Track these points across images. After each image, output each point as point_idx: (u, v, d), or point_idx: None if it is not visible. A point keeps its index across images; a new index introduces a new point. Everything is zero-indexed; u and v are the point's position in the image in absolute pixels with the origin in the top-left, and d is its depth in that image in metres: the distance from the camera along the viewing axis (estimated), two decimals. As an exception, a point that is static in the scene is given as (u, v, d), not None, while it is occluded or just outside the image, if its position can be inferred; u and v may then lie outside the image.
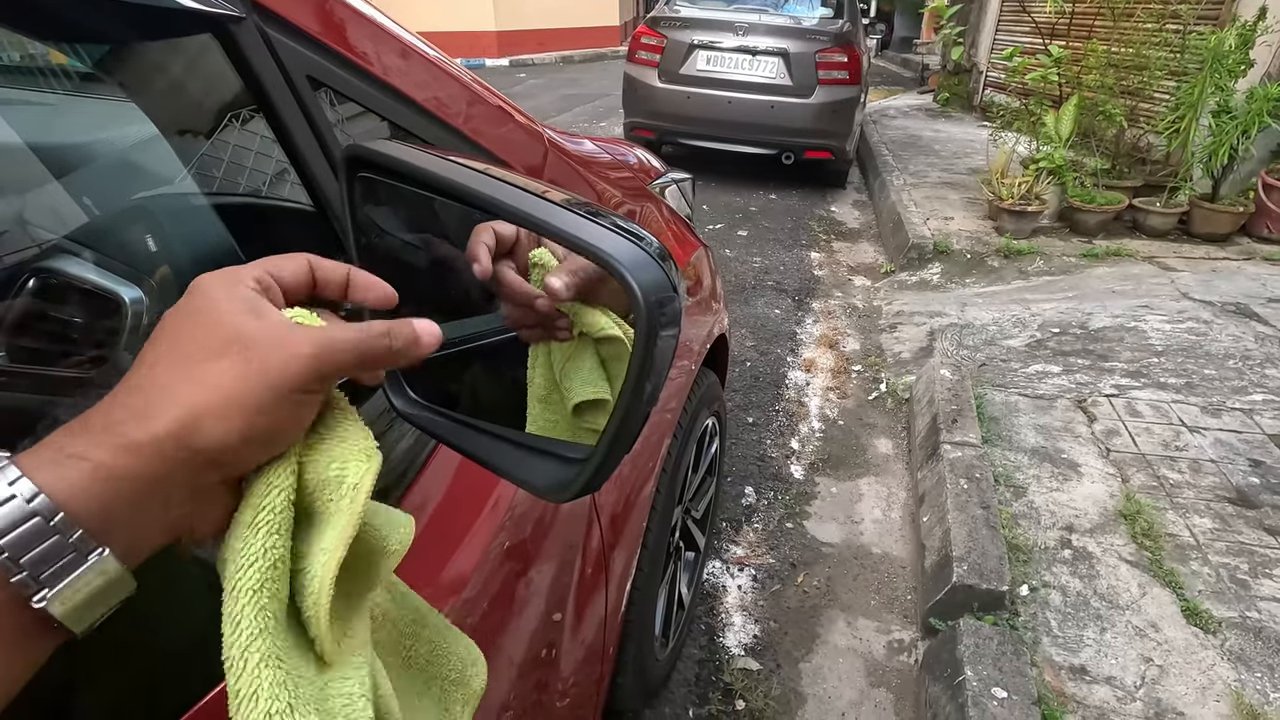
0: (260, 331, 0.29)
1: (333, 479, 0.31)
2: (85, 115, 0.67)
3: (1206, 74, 3.66)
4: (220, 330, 0.29)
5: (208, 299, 0.30)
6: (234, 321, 0.29)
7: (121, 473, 0.27)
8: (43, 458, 0.26)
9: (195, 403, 0.28)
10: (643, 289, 0.32)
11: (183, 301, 0.31)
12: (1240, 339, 2.88)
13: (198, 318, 0.30)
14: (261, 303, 0.31)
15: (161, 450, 0.27)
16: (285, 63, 0.52)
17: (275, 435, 0.30)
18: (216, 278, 0.32)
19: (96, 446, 0.27)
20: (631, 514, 1.15)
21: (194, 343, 0.29)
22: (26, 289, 0.55)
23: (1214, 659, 1.54)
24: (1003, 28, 7.52)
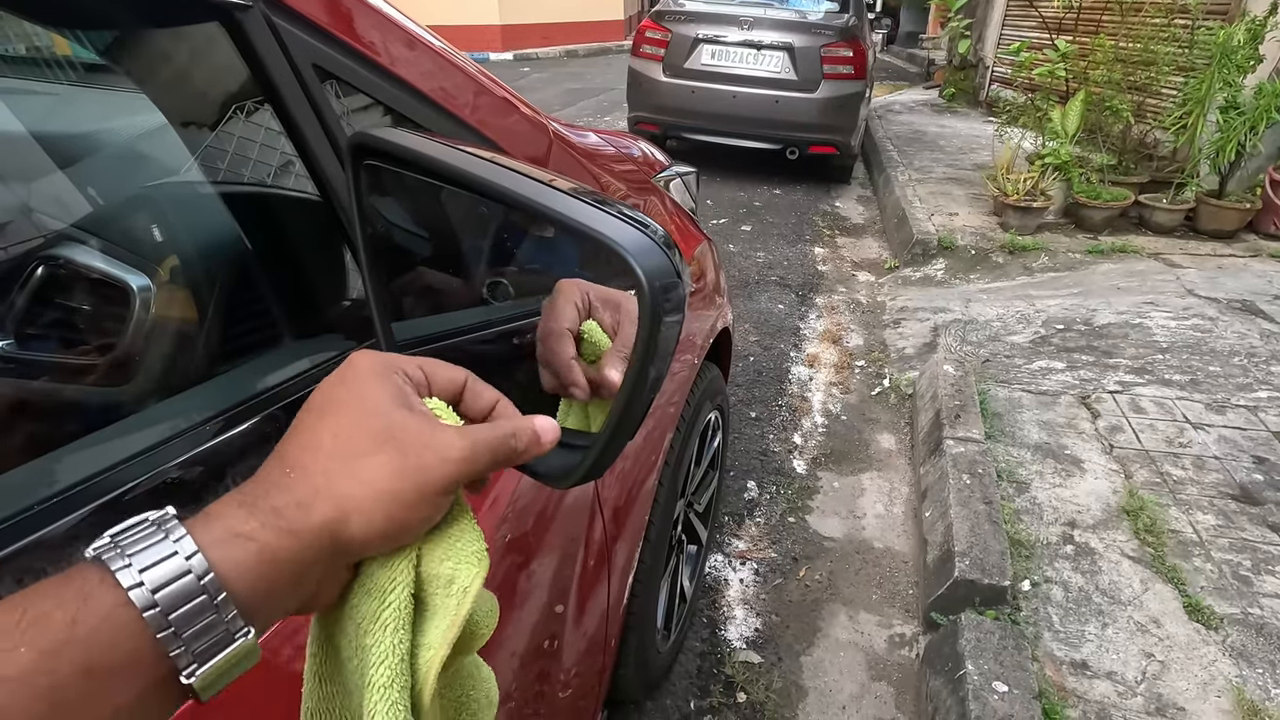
0: (412, 429, 0.31)
1: (444, 576, 0.33)
2: (91, 105, 0.67)
3: (1215, 69, 3.64)
4: (375, 421, 0.31)
5: (362, 383, 0.32)
6: (388, 415, 0.31)
7: (282, 557, 0.28)
8: (215, 534, 0.27)
9: (350, 496, 0.29)
10: (647, 274, 0.32)
11: (338, 376, 0.33)
12: (1245, 336, 2.87)
13: (355, 404, 0.31)
14: (411, 396, 0.33)
15: (318, 539, 0.29)
16: (292, 52, 0.52)
17: (410, 530, 0.31)
18: (373, 361, 0.33)
19: (263, 529, 0.28)
20: (634, 507, 1.15)
21: (353, 432, 0.30)
22: (35, 277, 0.56)
23: (1216, 655, 1.54)
24: (1009, 23, 7.48)
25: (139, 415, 0.53)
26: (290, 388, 0.57)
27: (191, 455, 0.50)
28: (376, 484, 0.30)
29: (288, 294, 0.61)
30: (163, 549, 0.26)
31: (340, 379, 0.32)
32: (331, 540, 0.29)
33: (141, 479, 0.47)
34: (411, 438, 0.31)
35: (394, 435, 0.30)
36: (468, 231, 0.60)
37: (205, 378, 0.56)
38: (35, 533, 0.41)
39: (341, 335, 0.62)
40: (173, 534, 0.27)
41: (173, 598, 0.25)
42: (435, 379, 0.35)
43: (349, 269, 0.63)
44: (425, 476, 0.30)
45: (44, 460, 0.47)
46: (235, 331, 0.59)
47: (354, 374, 0.32)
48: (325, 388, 0.32)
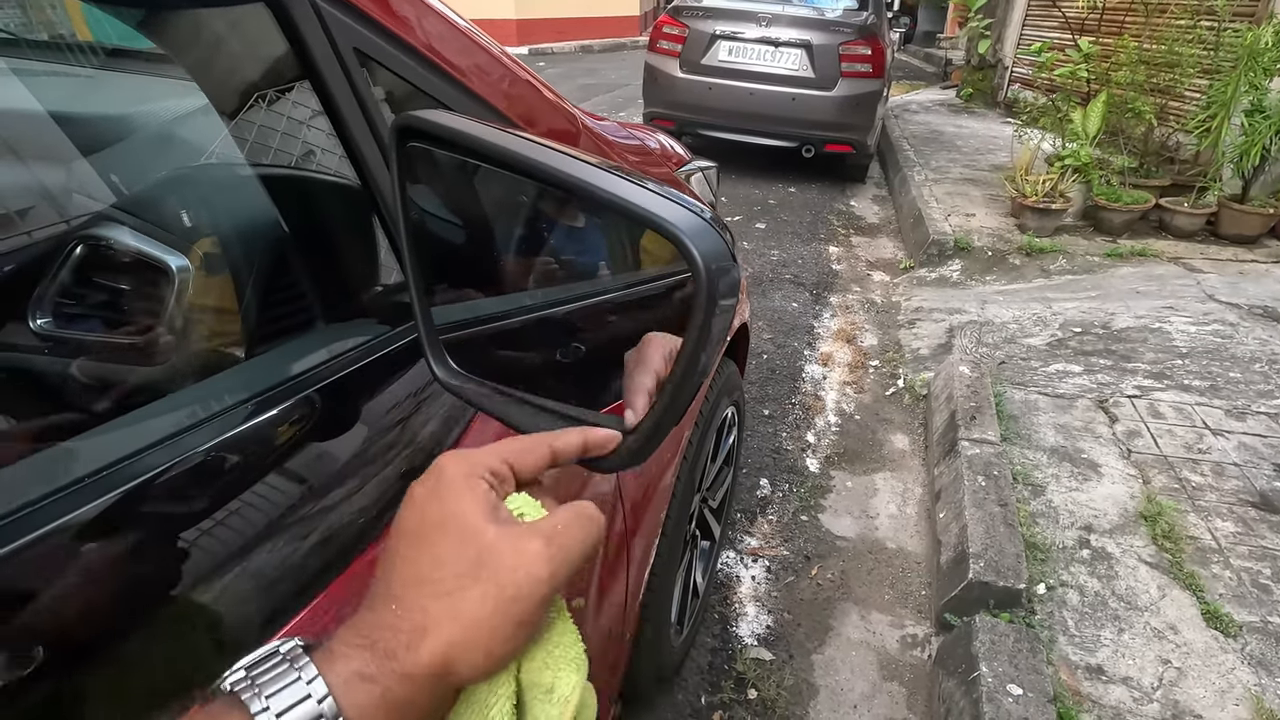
0: (503, 552, 0.31)
1: (544, 685, 0.33)
2: (128, 88, 0.67)
3: (1241, 72, 3.58)
4: (469, 549, 0.31)
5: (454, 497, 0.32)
6: (480, 537, 0.31)
7: (399, 699, 0.29)
8: (341, 675, 0.28)
9: (454, 637, 0.30)
10: (704, 257, 0.31)
11: (430, 489, 0.33)
12: (1267, 342, 2.83)
13: (450, 526, 0.32)
14: (499, 505, 0.33)
15: (429, 681, 0.29)
16: (335, 35, 0.52)
17: (511, 656, 0.32)
18: (459, 467, 0.33)
19: (381, 673, 0.29)
20: (652, 502, 1.15)
21: (449, 562, 0.31)
22: (74, 256, 0.56)
23: (1234, 663, 1.52)
24: (1030, 23, 7.40)
25: (174, 396, 0.53)
26: (323, 372, 0.57)
27: (226, 438, 0.50)
28: (477, 622, 0.30)
29: (322, 278, 0.61)
30: (298, 691, 0.27)
31: (433, 493, 0.33)
32: (441, 679, 0.30)
33: (176, 460, 0.47)
34: (504, 563, 0.31)
35: (487, 563, 0.31)
36: (501, 219, 0.60)
37: (240, 359, 0.57)
38: (72, 512, 0.42)
39: (375, 320, 0.62)
40: (305, 673, 0.28)
41: None
42: (520, 468, 0.35)
43: (383, 254, 0.63)
44: (520, 606, 0.30)
45: (81, 439, 0.47)
46: (270, 314, 0.59)
47: (445, 486, 0.33)
48: (419, 502, 0.33)
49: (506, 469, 0.34)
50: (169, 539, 0.46)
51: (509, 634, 0.30)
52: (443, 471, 0.33)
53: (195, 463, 0.48)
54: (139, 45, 0.60)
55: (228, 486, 0.50)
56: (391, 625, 0.30)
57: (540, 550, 0.31)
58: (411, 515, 0.33)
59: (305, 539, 0.52)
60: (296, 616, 0.49)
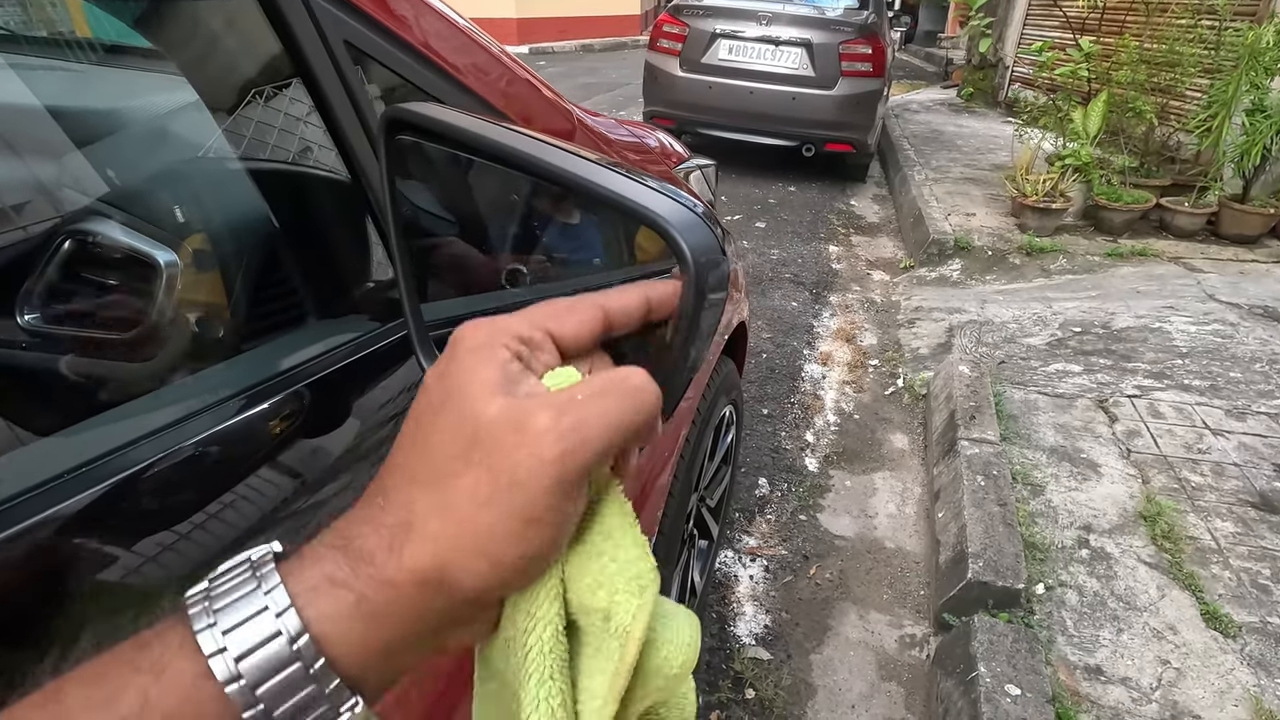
0: (501, 426, 0.24)
1: (598, 609, 0.26)
2: (119, 83, 0.67)
3: (1242, 71, 3.58)
4: (465, 426, 0.25)
5: (461, 371, 0.26)
6: (481, 412, 0.25)
7: (382, 610, 0.23)
8: (309, 580, 0.23)
9: (443, 538, 0.24)
10: (692, 250, 0.31)
11: (440, 364, 0.27)
12: (1268, 342, 2.82)
13: (450, 403, 0.25)
14: (521, 378, 0.26)
15: (419, 590, 0.24)
16: (325, 27, 0.51)
17: (533, 564, 0.25)
18: (477, 334, 0.27)
19: (356, 576, 0.23)
20: (649, 500, 1.14)
21: (442, 444, 0.25)
22: (62, 251, 0.56)
23: (1233, 663, 1.52)
24: (1030, 22, 7.39)
25: (163, 391, 0.53)
26: (313, 367, 0.56)
27: (214, 432, 0.50)
28: (468, 518, 0.24)
29: (313, 274, 0.60)
30: (253, 603, 0.22)
31: (440, 373, 0.26)
32: (437, 590, 0.24)
33: (165, 454, 0.47)
34: (503, 442, 0.24)
35: (482, 442, 0.24)
36: (494, 215, 0.60)
37: (229, 355, 0.56)
38: (58, 505, 0.41)
39: (366, 316, 0.62)
40: (265, 583, 0.23)
41: (261, 667, 0.21)
42: (563, 334, 0.28)
43: (374, 250, 0.63)
44: (523, 497, 0.24)
45: (68, 433, 0.47)
46: (260, 310, 0.58)
47: (453, 359, 0.26)
48: (427, 384, 0.27)
49: (541, 335, 0.27)
50: (156, 533, 0.46)
51: (514, 532, 0.24)
52: (457, 343, 0.27)
53: (183, 457, 0.48)
54: (136, 42, 0.60)
55: (216, 481, 0.50)
56: (374, 521, 0.25)
57: (547, 425, 0.24)
58: (420, 399, 0.27)
59: (295, 535, 0.51)
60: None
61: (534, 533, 0.24)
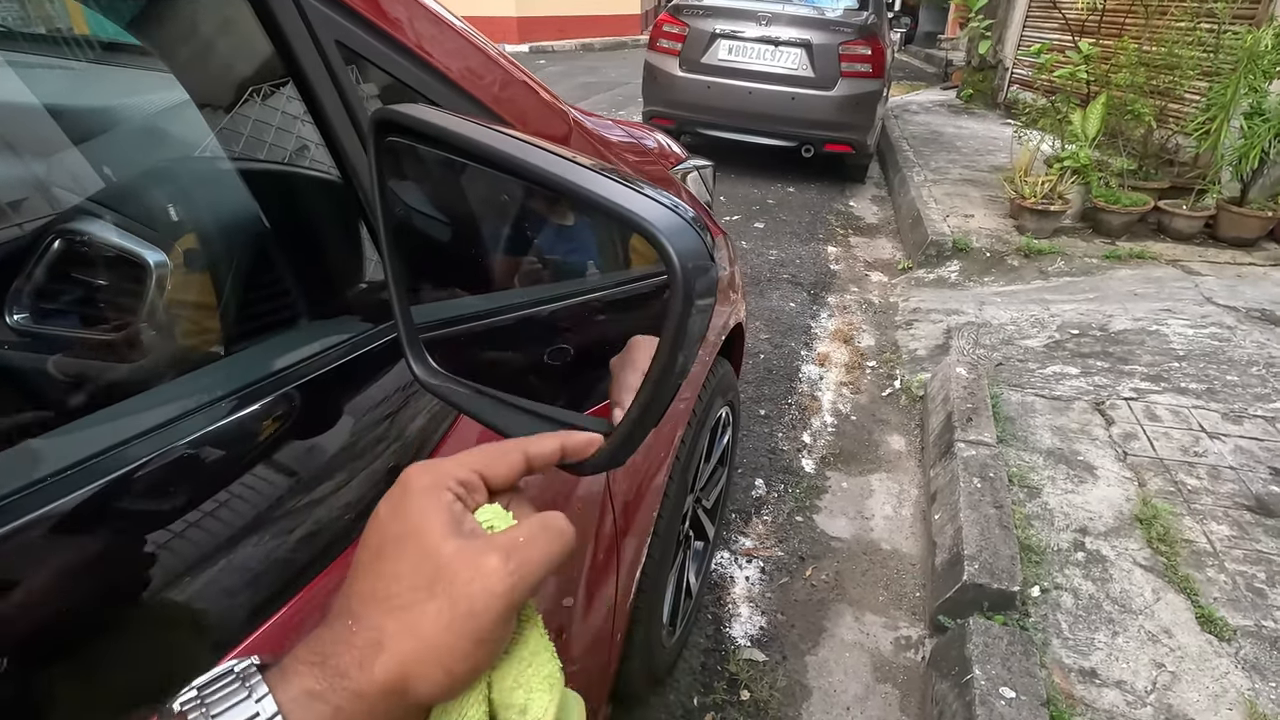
0: (460, 567, 0.30)
1: (517, 705, 0.31)
2: (111, 81, 0.67)
3: (1240, 74, 3.58)
4: (426, 563, 0.30)
5: (415, 512, 0.31)
6: (438, 552, 0.30)
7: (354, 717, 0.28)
8: (292, 693, 0.27)
9: (407, 655, 0.29)
10: (679, 255, 0.31)
11: (392, 504, 0.32)
12: (1265, 345, 2.83)
13: (409, 542, 0.30)
14: (463, 518, 0.32)
15: (384, 700, 0.28)
16: (315, 26, 0.51)
17: (474, 674, 0.31)
18: (425, 478, 0.32)
19: (333, 690, 0.28)
20: (644, 501, 1.14)
21: (406, 578, 0.30)
22: (51, 251, 0.55)
23: (1228, 667, 1.52)
24: (1030, 24, 7.39)
25: (153, 392, 0.53)
26: (304, 369, 0.56)
27: (205, 433, 0.50)
28: (431, 639, 0.29)
29: (305, 274, 0.60)
30: (246, 710, 0.26)
31: (394, 509, 0.32)
32: (397, 698, 0.29)
33: (154, 455, 0.47)
34: (460, 578, 0.29)
35: (443, 578, 0.29)
36: (486, 216, 0.60)
37: (220, 356, 0.56)
38: (44, 507, 0.41)
39: (358, 317, 0.61)
40: (255, 692, 0.27)
41: None
42: (492, 477, 0.34)
43: (366, 251, 0.63)
44: (477, 623, 0.29)
45: (57, 434, 0.47)
46: (251, 311, 0.58)
47: (408, 500, 0.31)
48: (381, 518, 0.32)
49: (476, 478, 0.33)
50: (144, 535, 0.46)
51: (467, 651, 0.29)
52: (407, 485, 0.32)
53: (172, 459, 0.48)
54: (129, 40, 0.60)
55: (205, 483, 0.49)
56: (346, 641, 0.29)
57: (498, 565, 0.30)
58: (374, 531, 0.32)
59: (284, 537, 0.51)
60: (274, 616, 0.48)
61: (483, 651, 0.30)
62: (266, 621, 0.47)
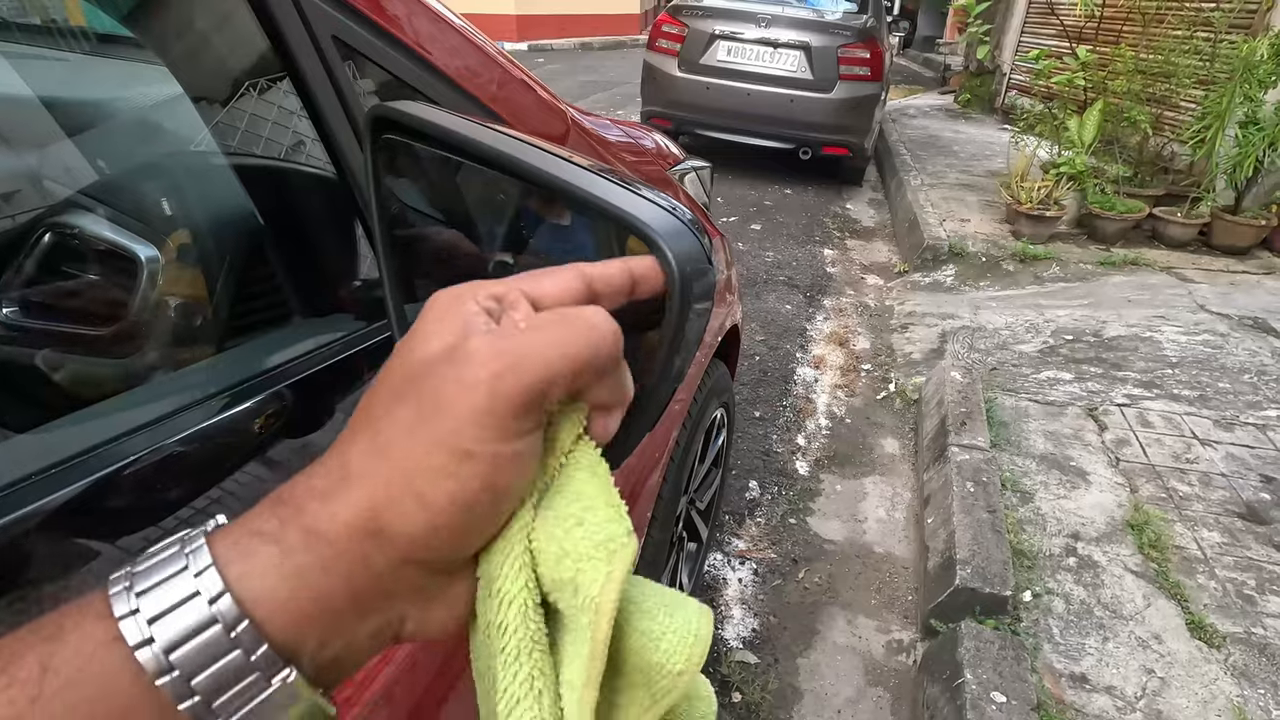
0: (437, 356, 0.23)
1: (567, 582, 0.23)
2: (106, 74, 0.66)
3: (1236, 83, 3.60)
4: (408, 365, 0.23)
5: (424, 321, 0.24)
6: (423, 351, 0.23)
7: (313, 565, 0.21)
8: (231, 538, 0.21)
9: (374, 478, 0.22)
10: (677, 258, 0.30)
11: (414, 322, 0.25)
12: (1257, 353, 2.84)
13: (405, 351, 0.24)
14: (474, 322, 0.23)
15: (352, 542, 0.21)
16: (311, 21, 0.51)
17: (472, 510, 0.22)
18: (451, 294, 0.25)
19: (283, 526, 0.21)
20: (638, 502, 1.14)
21: (385, 385, 0.23)
22: (42, 244, 0.55)
23: (1217, 673, 1.52)
24: (1028, 30, 7.42)
25: (143, 388, 0.52)
26: (297, 366, 0.56)
27: (196, 430, 0.49)
28: (395, 451, 0.22)
29: (298, 272, 0.60)
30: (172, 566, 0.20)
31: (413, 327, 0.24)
32: (372, 541, 0.21)
33: (144, 452, 0.46)
34: (436, 372, 0.22)
35: (418, 375, 0.22)
36: (483, 215, 0.59)
37: (212, 353, 0.55)
38: (36, 502, 0.41)
39: (352, 316, 0.61)
40: (194, 561, 0.20)
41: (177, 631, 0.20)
42: (540, 295, 0.25)
43: (360, 249, 0.62)
44: (450, 422, 0.21)
45: (46, 430, 0.46)
46: (244, 308, 0.58)
47: (423, 315, 0.24)
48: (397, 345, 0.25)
49: (516, 293, 0.25)
50: (133, 534, 0.45)
51: (442, 466, 0.21)
52: (429, 304, 0.25)
53: (162, 456, 0.47)
54: (122, 32, 0.59)
55: (195, 481, 0.49)
56: (313, 472, 0.23)
57: (479, 348, 0.22)
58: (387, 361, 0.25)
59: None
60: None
61: (466, 470, 0.21)
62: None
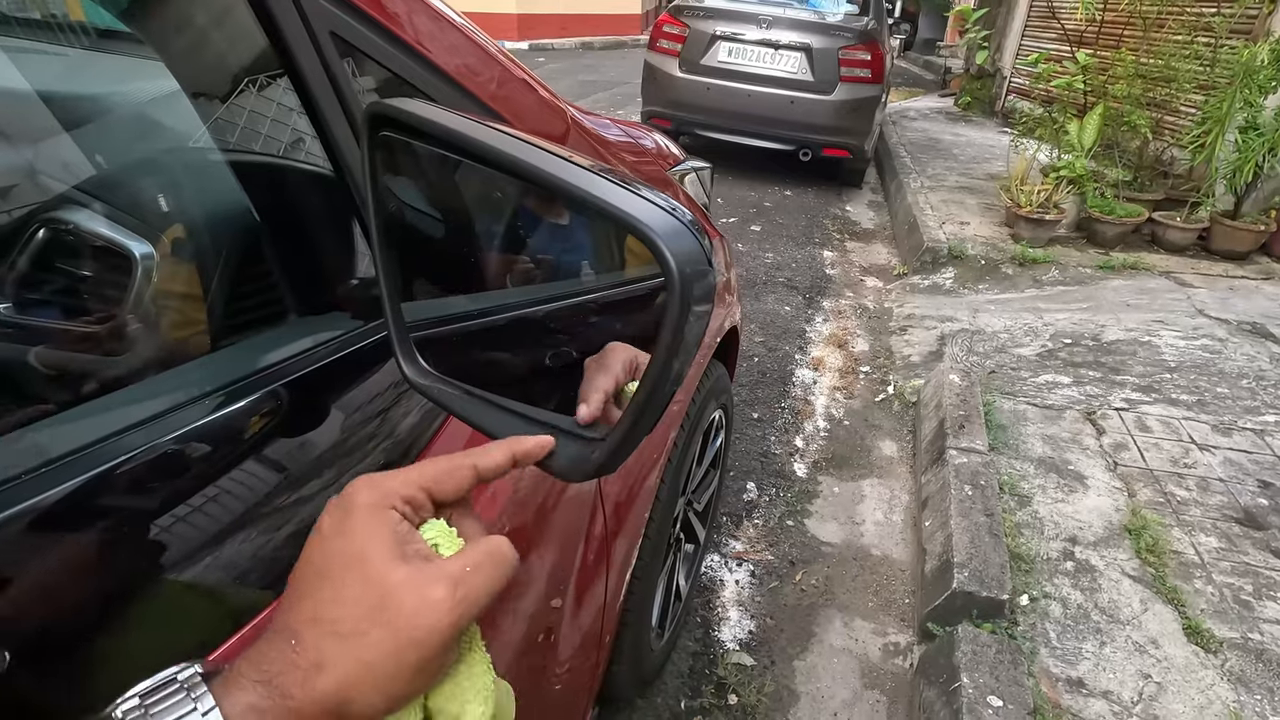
0: (406, 594, 0.30)
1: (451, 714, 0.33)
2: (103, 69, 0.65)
3: (1236, 89, 3.60)
4: (371, 590, 0.30)
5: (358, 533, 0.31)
6: (383, 578, 0.30)
7: None
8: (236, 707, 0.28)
9: (349, 678, 0.29)
10: (677, 260, 0.30)
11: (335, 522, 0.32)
12: (1255, 358, 2.84)
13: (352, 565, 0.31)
14: (409, 538, 0.32)
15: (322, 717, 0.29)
16: (310, 17, 0.50)
17: (414, 695, 0.31)
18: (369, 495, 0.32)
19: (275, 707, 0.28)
20: (635, 503, 1.13)
21: (349, 603, 0.30)
22: (36, 240, 0.54)
23: (1214, 679, 1.52)
24: (1029, 33, 7.42)
25: (137, 386, 0.52)
26: (293, 365, 0.55)
27: (189, 429, 0.49)
28: (375, 664, 0.29)
29: (294, 270, 0.59)
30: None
31: (339, 525, 0.31)
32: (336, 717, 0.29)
33: (138, 450, 0.46)
34: (406, 608, 0.30)
35: (388, 606, 0.30)
36: (481, 214, 0.59)
37: (206, 351, 0.55)
38: (26, 501, 0.40)
39: (348, 314, 0.60)
40: (201, 704, 0.27)
41: None
42: (439, 493, 0.34)
43: (358, 247, 0.62)
44: (420, 653, 0.30)
45: (38, 427, 0.46)
46: (239, 305, 0.57)
47: (352, 519, 0.31)
48: (325, 535, 0.32)
49: (423, 495, 0.33)
50: (126, 533, 0.45)
51: (408, 679, 0.30)
52: (352, 503, 0.32)
53: (156, 455, 0.47)
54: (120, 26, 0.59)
55: (189, 480, 0.48)
56: (290, 662, 0.29)
57: (444, 597, 0.30)
58: (316, 548, 0.32)
59: (270, 535, 0.50)
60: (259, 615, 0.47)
61: (422, 678, 0.30)
62: (252, 621, 0.46)
